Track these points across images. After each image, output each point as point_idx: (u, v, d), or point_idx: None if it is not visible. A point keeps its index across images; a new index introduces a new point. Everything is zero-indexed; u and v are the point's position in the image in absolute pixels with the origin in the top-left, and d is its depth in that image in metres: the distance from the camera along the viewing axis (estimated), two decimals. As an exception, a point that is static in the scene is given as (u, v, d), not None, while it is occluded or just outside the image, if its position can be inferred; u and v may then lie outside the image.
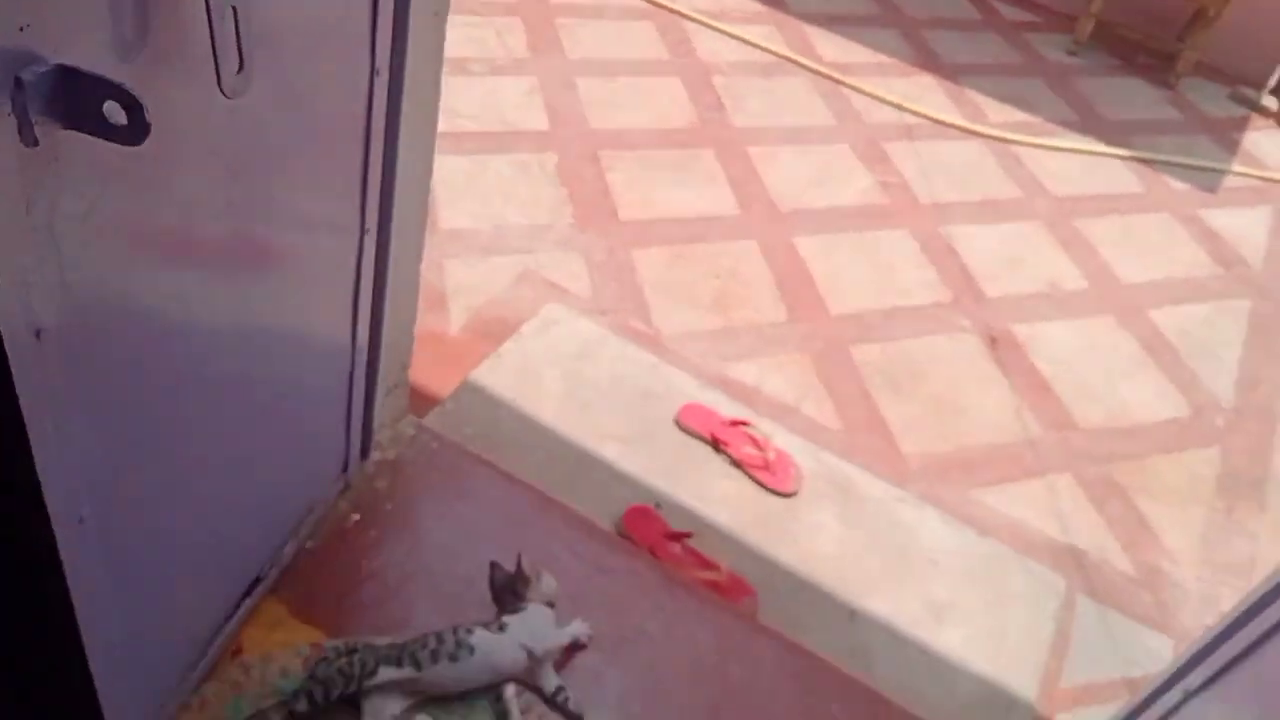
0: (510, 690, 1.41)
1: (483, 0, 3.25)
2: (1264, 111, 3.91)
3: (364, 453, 1.66)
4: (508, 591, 1.50)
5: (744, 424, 2.03)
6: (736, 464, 1.98)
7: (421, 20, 1.27)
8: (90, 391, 0.90)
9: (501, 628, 1.43)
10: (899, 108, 3.30)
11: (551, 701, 1.43)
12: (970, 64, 3.67)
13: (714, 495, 1.91)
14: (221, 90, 0.82)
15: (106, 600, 1.03)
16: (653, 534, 1.78)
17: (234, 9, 0.79)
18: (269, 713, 1.31)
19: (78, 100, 0.69)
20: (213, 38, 0.79)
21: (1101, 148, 3.40)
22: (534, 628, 1.45)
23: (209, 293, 1.07)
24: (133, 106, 0.68)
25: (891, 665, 1.74)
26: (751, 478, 1.96)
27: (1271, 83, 3.97)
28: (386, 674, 1.33)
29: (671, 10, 3.48)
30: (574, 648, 1.49)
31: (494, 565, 1.54)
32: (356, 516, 1.60)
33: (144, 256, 0.93)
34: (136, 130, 0.70)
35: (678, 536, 1.79)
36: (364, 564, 1.54)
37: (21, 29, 0.65)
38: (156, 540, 1.13)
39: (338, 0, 1.10)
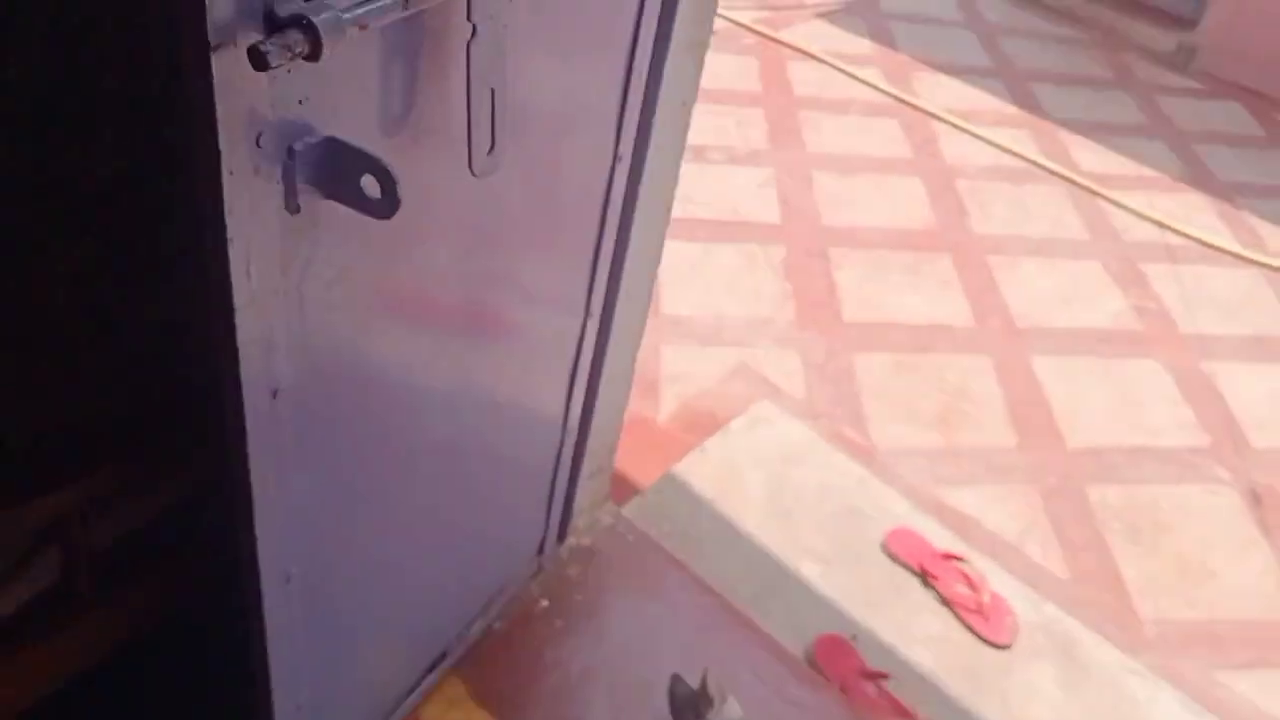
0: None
1: (728, 89, 3.28)
2: None
3: (561, 536, 1.63)
4: (689, 708, 1.41)
5: (958, 558, 1.86)
6: (946, 603, 1.80)
7: (669, 110, 1.25)
8: (313, 451, 0.91)
9: (676, 747, 1.34)
10: (1162, 226, 3.04)
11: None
12: (1248, 183, 3.34)
13: (917, 634, 1.75)
14: (471, 170, 0.81)
15: (301, 661, 1.02)
16: (847, 669, 1.64)
17: (491, 91, 0.78)
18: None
19: (339, 171, 0.69)
20: (469, 119, 0.78)
21: (1401, 292, 2.99)
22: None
23: (435, 361, 1.07)
24: (388, 181, 0.68)
25: None
26: (961, 621, 1.78)
27: None
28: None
29: (919, 109, 3.39)
30: None
31: (676, 678, 1.46)
32: (546, 603, 1.56)
33: (380, 323, 0.93)
34: (389, 204, 0.69)
35: (874, 676, 1.64)
36: (547, 653, 1.50)
37: (300, 102, 0.66)
38: (354, 605, 1.13)
39: (590, 87, 1.10)
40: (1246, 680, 1.84)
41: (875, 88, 3.47)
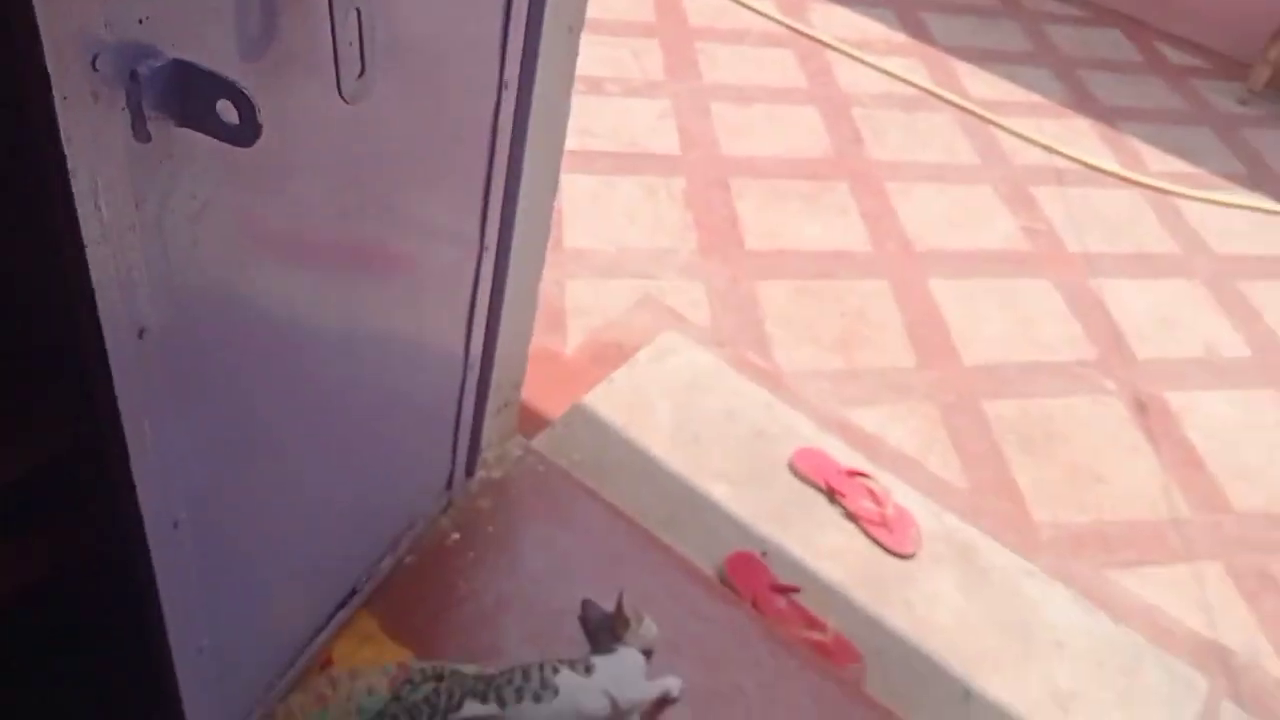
0: (594, 737, 1.34)
1: (622, 20, 3.24)
2: None
3: (469, 470, 1.63)
4: (604, 631, 1.43)
5: (862, 475, 1.92)
6: (851, 517, 1.86)
7: (554, 35, 1.23)
8: (192, 394, 0.88)
9: (588, 669, 1.36)
10: (1049, 150, 3.13)
11: (638, 755, 1.35)
12: (1130, 108, 3.45)
13: (825, 548, 1.80)
14: (341, 95, 0.79)
15: (197, 605, 1.01)
16: (757, 584, 1.69)
17: (357, 11, 0.75)
18: (349, 732, 1.27)
19: (193, 97, 0.67)
20: (335, 41, 0.75)
21: (1272, 205, 3.14)
22: (621, 674, 1.38)
23: (320, 298, 1.04)
24: (246, 106, 0.65)
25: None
26: (867, 534, 1.84)
27: None
28: (471, 709, 1.28)
29: (813, 39, 3.40)
30: (663, 702, 1.42)
31: (587, 603, 1.48)
32: (457, 536, 1.57)
33: (255, 259, 0.90)
34: (249, 130, 0.67)
35: (784, 590, 1.69)
36: (460, 585, 1.50)
37: (141, 21, 0.63)
38: (253, 547, 1.12)
39: (468, 11, 1.07)
40: (1133, 577, 1.95)
41: (770, 18, 3.46)
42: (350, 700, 1.32)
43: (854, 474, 1.92)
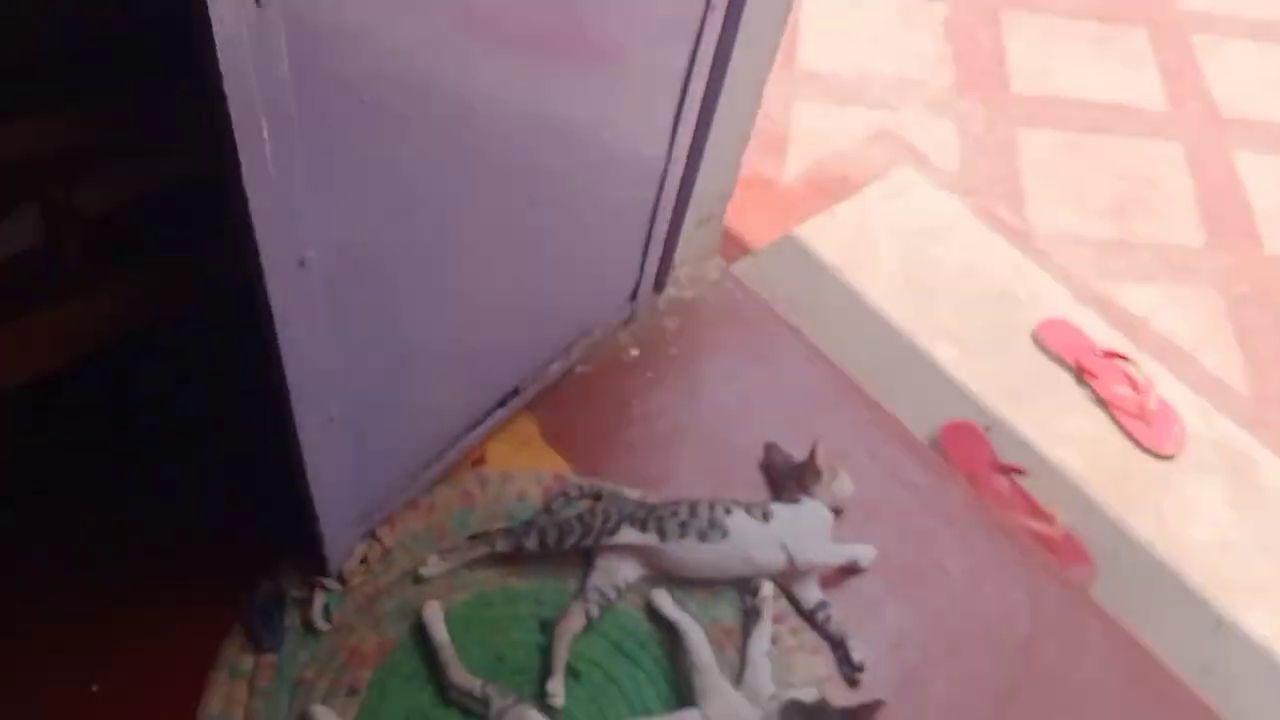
0: (768, 590, 1.16)
1: None
2: None
3: (658, 285, 1.45)
4: (790, 480, 1.24)
5: (1121, 358, 1.60)
6: (1102, 403, 1.56)
7: None
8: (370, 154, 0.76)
9: (766, 516, 1.18)
10: None
11: (809, 617, 1.16)
12: None
13: (1064, 433, 1.52)
14: None
15: (325, 364, 0.88)
16: (976, 459, 1.43)
17: None
18: (495, 537, 1.15)
19: None
20: None
21: None
22: (803, 529, 1.19)
23: (518, 77, 0.91)
24: None
25: (1258, 705, 1.30)
26: (1118, 424, 1.54)
27: None
28: (628, 535, 1.13)
29: None
30: (849, 570, 1.21)
31: (772, 447, 1.29)
32: (636, 352, 1.40)
33: (453, 34, 0.79)
34: None
35: (1008, 470, 1.43)
36: (633, 404, 1.34)
37: None
38: (401, 317, 0.98)
39: None
40: None
41: None
42: (498, 503, 1.20)
43: (1111, 355, 1.60)
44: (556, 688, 1.05)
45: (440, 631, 1.07)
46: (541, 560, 1.14)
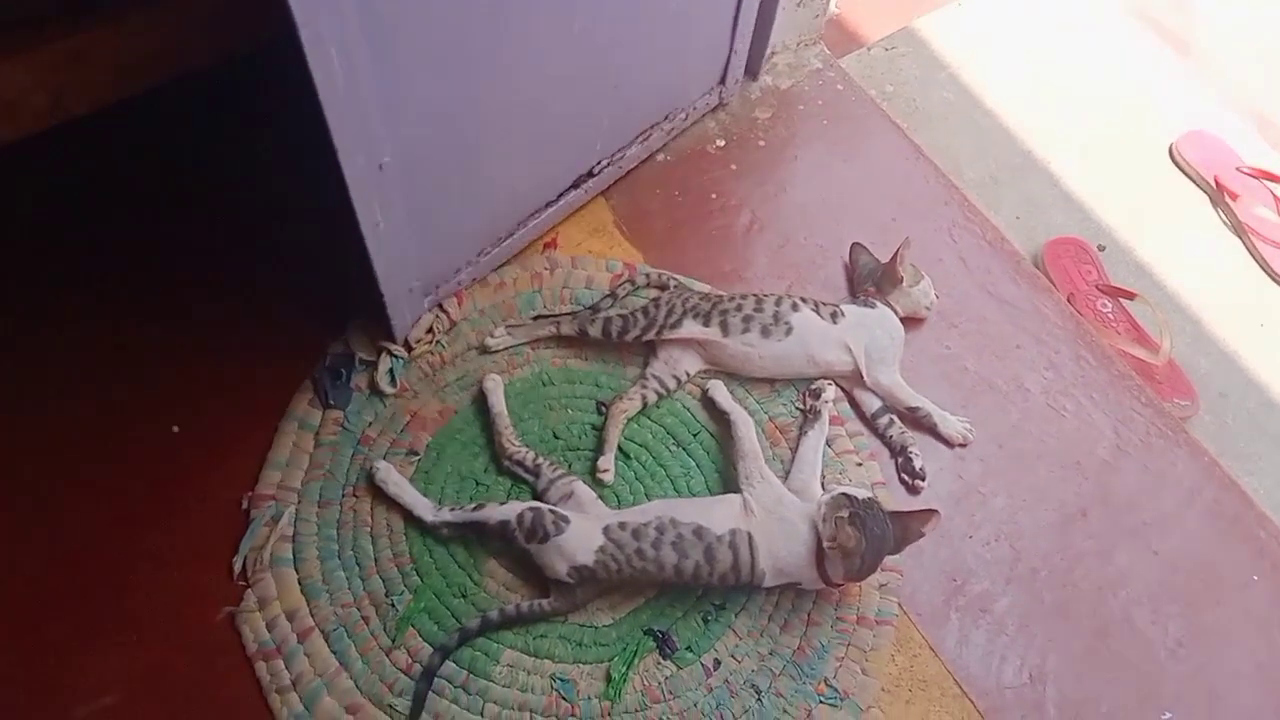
0: (830, 393, 1.12)
1: None
2: None
3: (751, 71, 1.35)
4: (869, 282, 1.18)
5: (1272, 178, 1.43)
6: (1239, 229, 1.41)
7: None
8: None
9: (834, 316, 1.12)
10: None
11: (870, 422, 1.13)
12: None
13: (1189, 258, 1.39)
14: None
15: (371, 101, 0.84)
16: (1080, 279, 1.33)
17: None
18: (561, 319, 1.14)
19: None
20: None
21: None
22: (874, 336, 1.13)
23: None
24: None
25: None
26: (1254, 253, 1.40)
27: None
28: (690, 328, 1.11)
29: None
30: (916, 411, 1.15)
31: (858, 246, 1.22)
32: (721, 143, 1.33)
33: None
34: None
35: (1115, 293, 1.33)
36: (713, 196, 1.29)
37: None
38: (459, 74, 0.93)
39: None
40: None
41: None
42: (566, 287, 1.19)
43: (1261, 175, 1.43)
44: (608, 464, 1.06)
45: (499, 401, 1.09)
46: (603, 347, 1.14)
